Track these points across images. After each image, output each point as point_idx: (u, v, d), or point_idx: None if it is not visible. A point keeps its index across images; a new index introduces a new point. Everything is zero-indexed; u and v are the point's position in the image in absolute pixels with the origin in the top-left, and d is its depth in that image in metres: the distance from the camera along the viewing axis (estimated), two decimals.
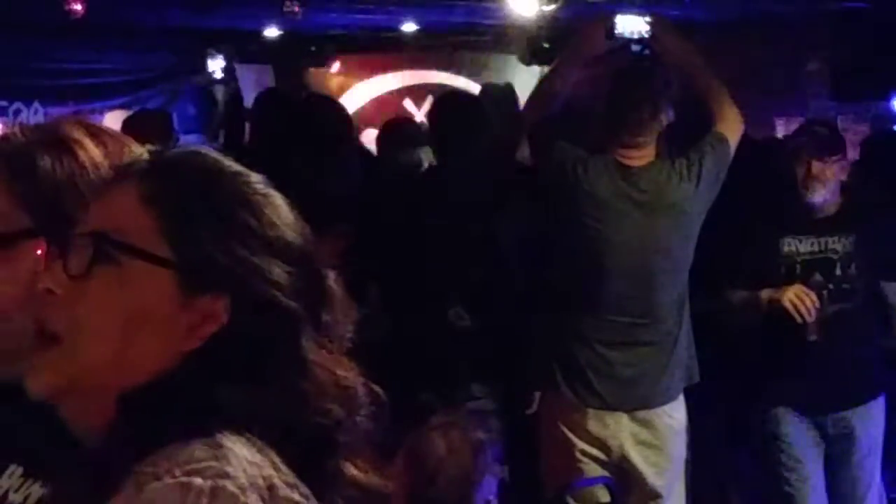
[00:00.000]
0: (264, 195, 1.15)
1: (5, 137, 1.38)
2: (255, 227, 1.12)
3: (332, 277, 1.18)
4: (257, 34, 9.74)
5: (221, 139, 7.66)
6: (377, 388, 1.18)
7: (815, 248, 4.18)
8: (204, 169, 1.15)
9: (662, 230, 3.92)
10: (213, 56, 10.24)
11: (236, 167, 1.17)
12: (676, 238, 3.94)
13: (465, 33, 10.07)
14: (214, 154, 1.17)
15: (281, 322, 1.10)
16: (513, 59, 10.31)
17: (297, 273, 1.12)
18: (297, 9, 7.40)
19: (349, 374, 1.14)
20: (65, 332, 1.10)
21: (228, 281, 1.09)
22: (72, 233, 1.14)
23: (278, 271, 1.11)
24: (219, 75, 10.31)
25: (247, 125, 6.06)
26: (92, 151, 1.36)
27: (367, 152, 6.02)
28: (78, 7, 6.87)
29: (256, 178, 1.16)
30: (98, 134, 1.38)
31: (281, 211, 1.15)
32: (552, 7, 6.59)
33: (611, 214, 3.91)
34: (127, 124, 5.75)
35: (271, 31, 9.72)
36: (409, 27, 9.67)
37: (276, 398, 1.08)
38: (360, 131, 7.87)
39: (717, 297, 4.23)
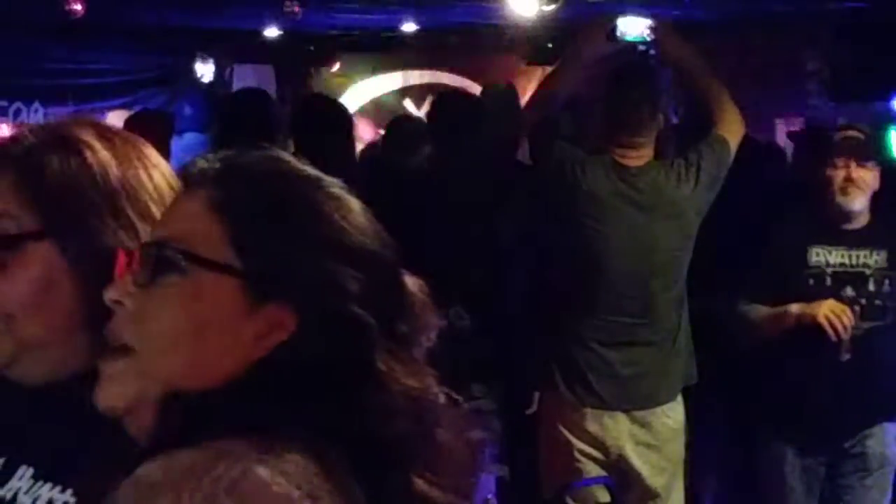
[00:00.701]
0: (338, 200, 1.11)
1: (13, 139, 1.38)
2: (325, 233, 1.08)
3: (414, 285, 1.14)
4: (257, 34, 9.73)
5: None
6: (458, 398, 1.14)
7: (846, 261, 3.97)
8: (275, 174, 1.12)
9: (660, 230, 3.92)
10: (204, 60, 10.22)
11: (311, 171, 1.13)
12: (674, 238, 3.95)
13: (465, 33, 10.05)
14: (288, 158, 1.14)
15: (350, 331, 1.06)
16: (513, 59, 10.32)
17: (370, 281, 1.08)
18: (297, 9, 7.40)
19: (423, 384, 1.10)
20: (133, 342, 1.09)
21: (296, 289, 1.06)
22: (143, 243, 1.13)
23: (349, 279, 1.07)
24: (207, 79, 10.29)
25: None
26: (100, 153, 1.35)
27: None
28: (78, 7, 6.86)
29: (331, 182, 1.13)
30: (107, 135, 1.38)
31: (355, 216, 1.11)
32: (552, 7, 6.59)
33: (609, 214, 3.91)
34: (128, 124, 5.77)
35: (271, 31, 9.71)
36: (409, 27, 9.67)
37: (339, 409, 1.04)
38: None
39: (730, 312, 4.05)
